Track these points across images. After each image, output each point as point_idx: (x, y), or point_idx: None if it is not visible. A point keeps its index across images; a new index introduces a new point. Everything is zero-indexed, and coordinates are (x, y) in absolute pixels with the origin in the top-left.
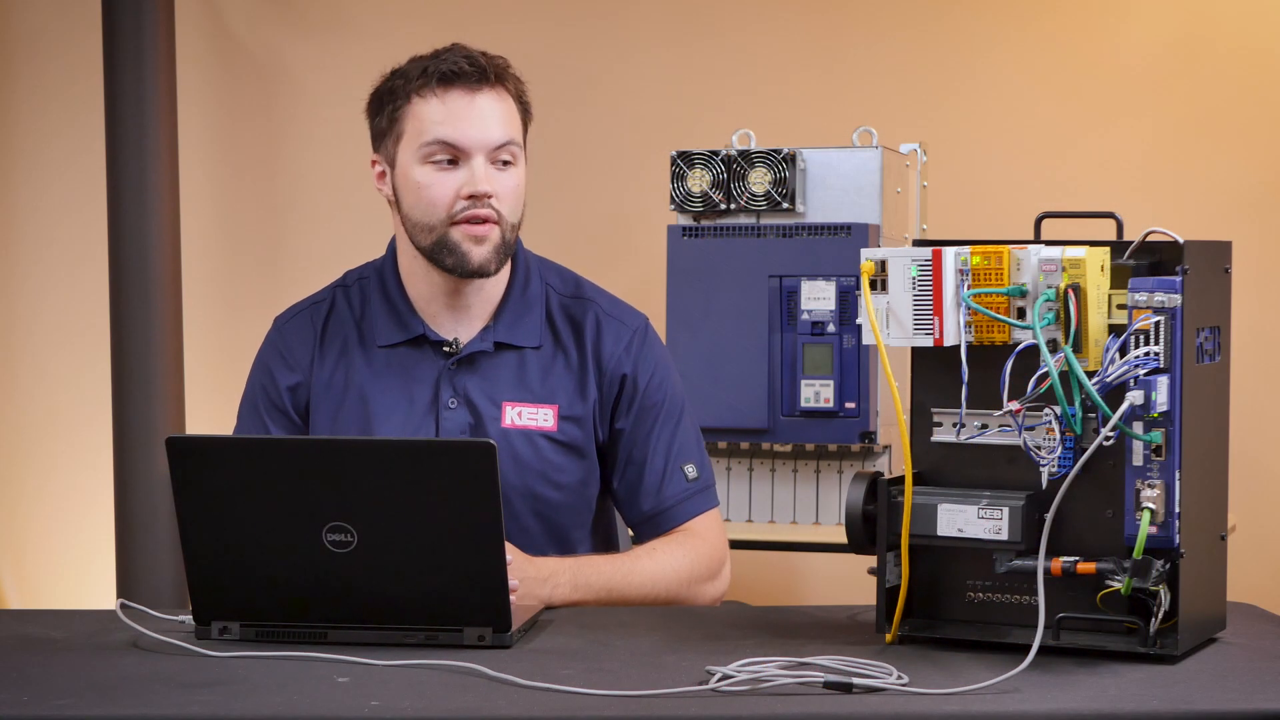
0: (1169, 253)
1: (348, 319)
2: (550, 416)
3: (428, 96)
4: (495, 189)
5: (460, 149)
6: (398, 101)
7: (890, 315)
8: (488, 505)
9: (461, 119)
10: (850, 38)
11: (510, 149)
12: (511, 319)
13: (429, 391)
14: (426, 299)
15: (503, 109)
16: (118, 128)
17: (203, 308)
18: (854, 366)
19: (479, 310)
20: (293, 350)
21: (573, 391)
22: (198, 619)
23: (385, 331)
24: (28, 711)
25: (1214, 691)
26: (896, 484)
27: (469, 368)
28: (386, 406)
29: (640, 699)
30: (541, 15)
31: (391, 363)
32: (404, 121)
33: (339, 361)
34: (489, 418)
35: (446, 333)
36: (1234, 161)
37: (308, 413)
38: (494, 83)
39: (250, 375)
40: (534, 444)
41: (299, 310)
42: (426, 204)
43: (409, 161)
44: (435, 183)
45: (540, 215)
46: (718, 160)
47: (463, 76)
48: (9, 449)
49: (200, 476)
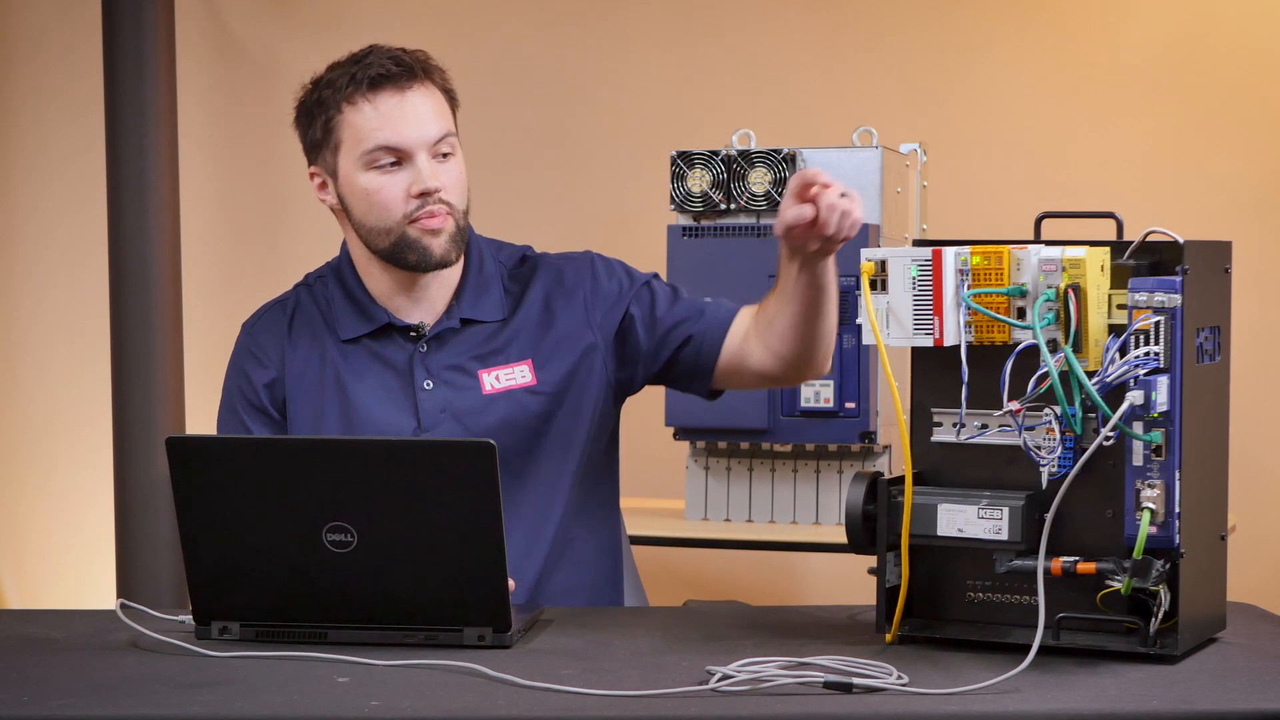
0: (1169, 253)
1: (314, 313)
2: (527, 371)
3: (359, 103)
4: (442, 182)
5: (402, 150)
6: (329, 112)
7: (890, 315)
8: (488, 505)
9: (397, 120)
10: (850, 38)
11: (448, 140)
12: (473, 296)
13: (404, 376)
14: (387, 294)
15: (433, 103)
16: (118, 128)
17: (203, 308)
18: (854, 366)
19: (439, 294)
20: (263, 347)
21: (547, 341)
22: (198, 619)
23: (350, 325)
24: (28, 711)
25: (1214, 691)
26: (896, 484)
27: (438, 347)
28: (364, 394)
29: (640, 699)
30: (542, 15)
31: (361, 355)
32: (339, 131)
33: (311, 351)
34: (467, 388)
35: (411, 319)
36: (1234, 161)
37: (285, 407)
38: (420, 78)
39: (225, 380)
40: (519, 402)
41: (265, 311)
42: (379, 209)
43: (352, 170)
44: (383, 186)
45: (541, 215)
46: (718, 160)
47: (390, 78)
48: (9, 449)
49: (200, 476)
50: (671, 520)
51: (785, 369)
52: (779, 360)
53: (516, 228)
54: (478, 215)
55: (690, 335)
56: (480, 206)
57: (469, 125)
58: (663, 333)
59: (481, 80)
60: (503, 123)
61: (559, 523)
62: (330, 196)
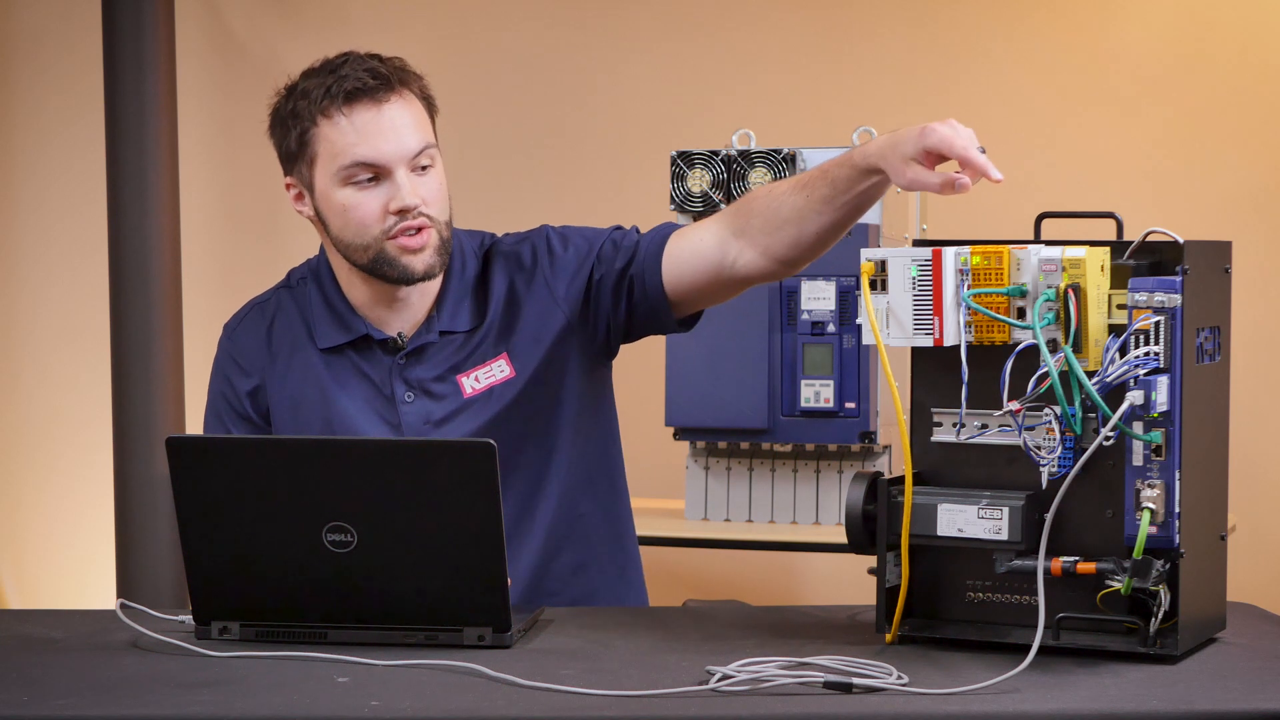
0: (1169, 253)
1: (295, 317)
2: (504, 365)
3: (334, 117)
4: (422, 196)
5: (380, 166)
6: (304, 124)
7: (890, 315)
8: (488, 505)
9: (374, 135)
10: (850, 38)
11: (427, 153)
12: (453, 306)
13: (384, 389)
14: (367, 304)
15: (411, 114)
16: (118, 128)
17: (203, 307)
18: (854, 366)
19: (419, 304)
20: (245, 354)
21: (517, 331)
22: (198, 619)
23: (328, 334)
24: (28, 711)
25: (1214, 691)
26: (896, 484)
27: (417, 360)
28: (347, 404)
29: (640, 699)
30: (541, 16)
31: (340, 366)
32: (315, 145)
33: (291, 359)
34: (448, 397)
35: (390, 329)
36: (1234, 161)
37: (270, 415)
38: (397, 89)
39: (210, 385)
40: (501, 397)
41: (245, 313)
42: (356, 225)
43: (328, 185)
44: (360, 203)
45: (541, 215)
46: (718, 160)
47: (366, 91)
48: (9, 449)
49: (200, 476)
50: (671, 520)
51: (778, 269)
52: (776, 263)
53: (516, 227)
54: (478, 215)
55: (631, 276)
56: (480, 206)
57: (470, 125)
58: (611, 286)
59: (481, 80)
60: (503, 122)
61: (559, 502)
62: (307, 208)
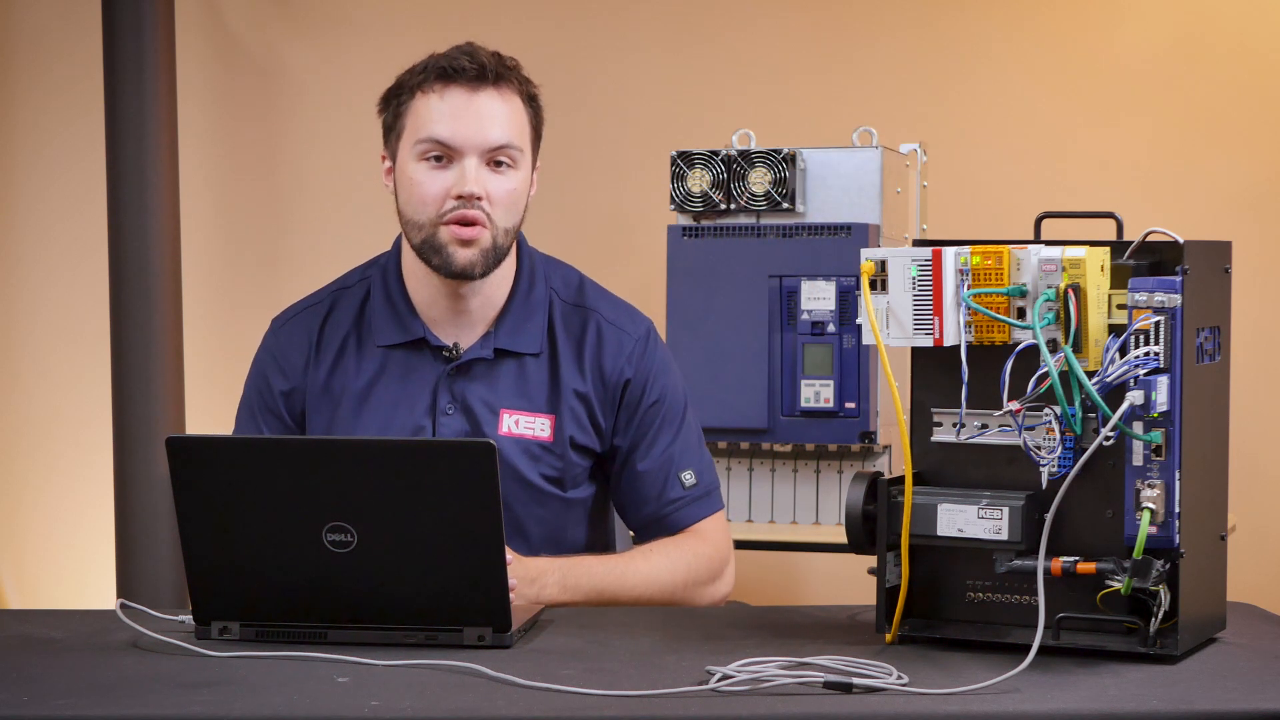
0: (1169, 253)
1: (346, 322)
2: (547, 426)
3: (428, 93)
4: (487, 191)
5: (452, 148)
6: (402, 97)
7: (890, 315)
8: (488, 505)
9: (457, 117)
10: (850, 38)
11: (508, 152)
12: (513, 325)
13: (427, 396)
14: (428, 303)
15: (505, 110)
16: (118, 128)
17: (203, 307)
18: (854, 366)
19: (481, 314)
20: (287, 356)
21: (571, 401)
22: (198, 619)
23: (386, 331)
24: (28, 711)
25: (1214, 691)
26: (896, 484)
27: (467, 374)
28: (384, 410)
29: (640, 699)
30: (541, 15)
31: (390, 364)
32: (405, 117)
33: (335, 366)
34: (485, 424)
35: (447, 337)
36: (1234, 161)
37: (304, 418)
38: (497, 82)
39: (247, 379)
40: (529, 453)
41: (295, 314)
42: (418, 201)
43: (406, 157)
44: (427, 180)
45: (540, 215)
46: (718, 160)
47: (463, 74)
48: (9, 449)
49: (200, 476)
50: None
51: None
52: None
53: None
54: None
55: (625, 486)
56: None
57: None
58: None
59: None
60: None
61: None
62: (391, 181)
